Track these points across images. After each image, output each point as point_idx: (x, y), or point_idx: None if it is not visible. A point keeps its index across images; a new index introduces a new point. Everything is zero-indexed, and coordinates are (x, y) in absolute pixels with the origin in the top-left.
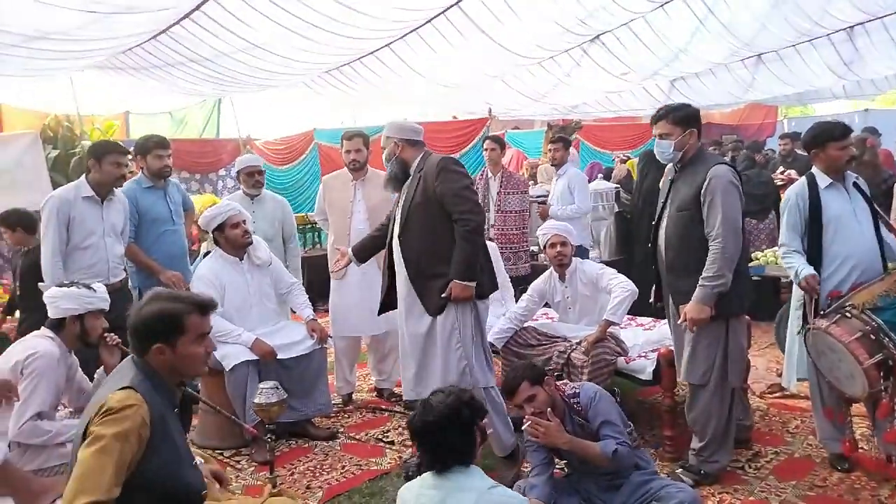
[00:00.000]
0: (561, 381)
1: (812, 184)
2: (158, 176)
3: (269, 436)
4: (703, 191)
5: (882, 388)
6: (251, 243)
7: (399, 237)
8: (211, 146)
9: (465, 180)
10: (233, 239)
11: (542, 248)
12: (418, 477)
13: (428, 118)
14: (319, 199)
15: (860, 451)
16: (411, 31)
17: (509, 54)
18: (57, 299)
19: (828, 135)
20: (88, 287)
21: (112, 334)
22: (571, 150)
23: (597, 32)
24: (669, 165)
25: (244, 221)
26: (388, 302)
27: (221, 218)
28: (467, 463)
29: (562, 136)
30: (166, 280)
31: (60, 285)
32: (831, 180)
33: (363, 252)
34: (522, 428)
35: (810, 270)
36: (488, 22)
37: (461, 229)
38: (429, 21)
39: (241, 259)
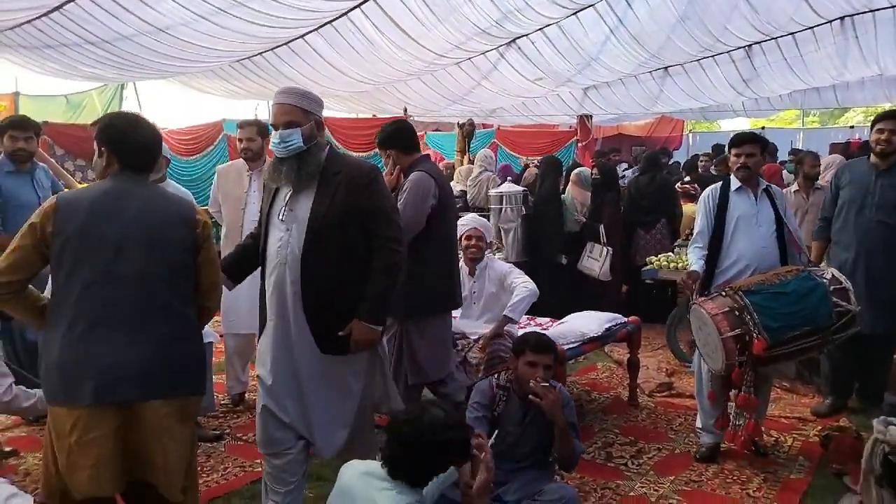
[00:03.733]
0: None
1: (725, 186)
2: (13, 159)
3: None
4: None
5: (738, 361)
6: None
7: (302, 255)
8: None
9: (392, 198)
10: None
11: (458, 238)
12: (371, 462)
13: (345, 115)
14: (214, 190)
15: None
16: (326, 24)
17: (427, 52)
18: None
19: (728, 144)
20: None
21: None
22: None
23: (513, 36)
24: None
25: None
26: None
27: None
28: (414, 485)
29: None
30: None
31: None
32: (740, 184)
33: (237, 269)
34: (531, 384)
35: (695, 268)
36: (405, 19)
37: (386, 259)
38: (344, 14)
39: None
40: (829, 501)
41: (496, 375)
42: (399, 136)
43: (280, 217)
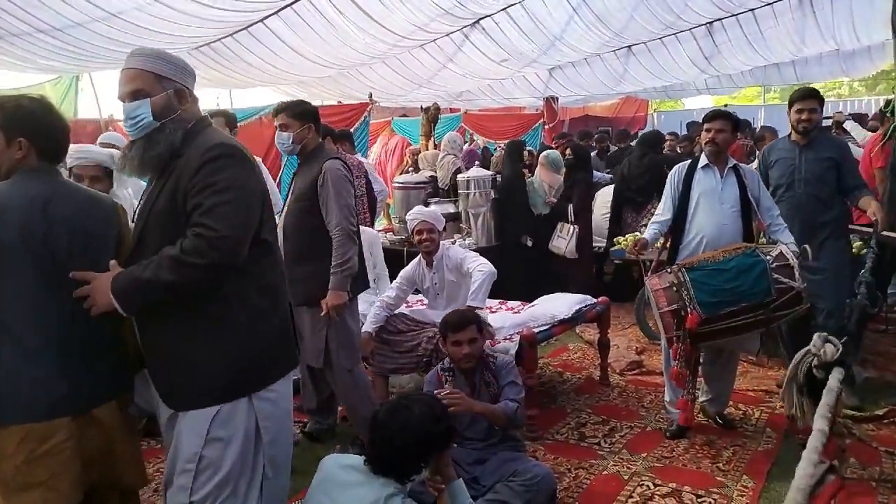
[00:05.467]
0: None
1: (693, 163)
2: None
3: None
4: (319, 183)
5: (675, 335)
6: None
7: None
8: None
9: (242, 192)
10: None
11: (409, 233)
12: (353, 455)
13: (311, 101)
14: None
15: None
16: (286, 6)
17: (389, 34)
18: None
19: (702, 120)
20: None
21: None
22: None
23: (476, 16)
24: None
25: None
26: None
27: None
28: (399, 481)
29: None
30: None
31: None
32: (708, 162)
33: None
34: (441, 397)
35: (645, 235)
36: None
37: (187, 248)
38: None
39: None
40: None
41: (441, 361)
42: (318, 116)
43: (133, 219)
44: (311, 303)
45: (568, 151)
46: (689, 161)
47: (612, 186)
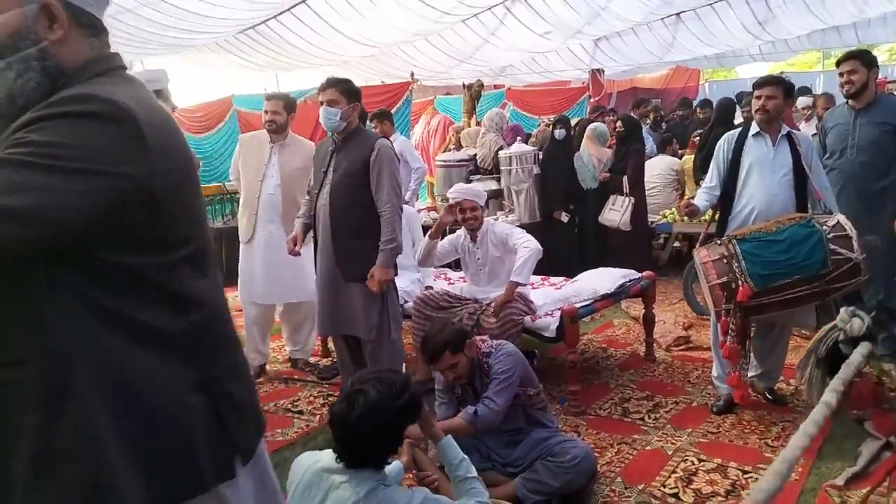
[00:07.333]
0: (480, 338)
1: (745, 130)
2: None
3: None
4: (372, 159)
5: (725, 309)
6: None
7: None
8: None
9: (90, 165)
10: None
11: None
12: (324, 452)
13: (354, 82)
14: (235, 158)
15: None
16: None
17: (430, 10)
18: None
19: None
20: None
21: None
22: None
23: None
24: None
25: None
26: None
27: None
28: (377, 468)
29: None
30: None
31: None
32: (759, 130)
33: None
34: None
35: (696, 202)
36: None
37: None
38: None
39: None
40: (850, 447)
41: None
42: (361, 97)
43: None
44: (366, 278)
45: (619, 123)
46: (740, 129)
47: (654, 160)
